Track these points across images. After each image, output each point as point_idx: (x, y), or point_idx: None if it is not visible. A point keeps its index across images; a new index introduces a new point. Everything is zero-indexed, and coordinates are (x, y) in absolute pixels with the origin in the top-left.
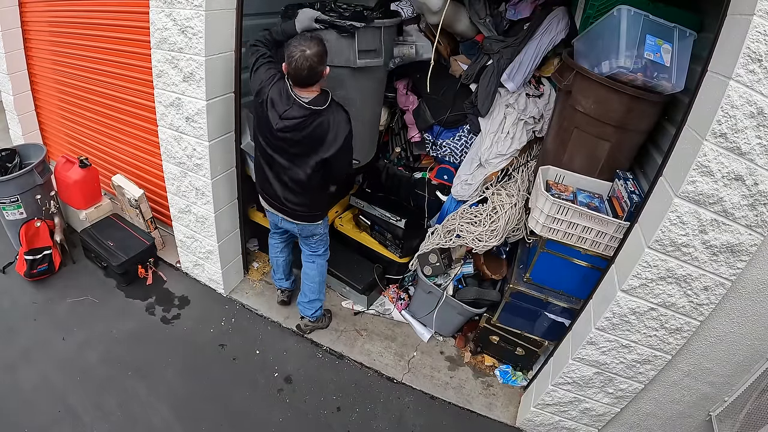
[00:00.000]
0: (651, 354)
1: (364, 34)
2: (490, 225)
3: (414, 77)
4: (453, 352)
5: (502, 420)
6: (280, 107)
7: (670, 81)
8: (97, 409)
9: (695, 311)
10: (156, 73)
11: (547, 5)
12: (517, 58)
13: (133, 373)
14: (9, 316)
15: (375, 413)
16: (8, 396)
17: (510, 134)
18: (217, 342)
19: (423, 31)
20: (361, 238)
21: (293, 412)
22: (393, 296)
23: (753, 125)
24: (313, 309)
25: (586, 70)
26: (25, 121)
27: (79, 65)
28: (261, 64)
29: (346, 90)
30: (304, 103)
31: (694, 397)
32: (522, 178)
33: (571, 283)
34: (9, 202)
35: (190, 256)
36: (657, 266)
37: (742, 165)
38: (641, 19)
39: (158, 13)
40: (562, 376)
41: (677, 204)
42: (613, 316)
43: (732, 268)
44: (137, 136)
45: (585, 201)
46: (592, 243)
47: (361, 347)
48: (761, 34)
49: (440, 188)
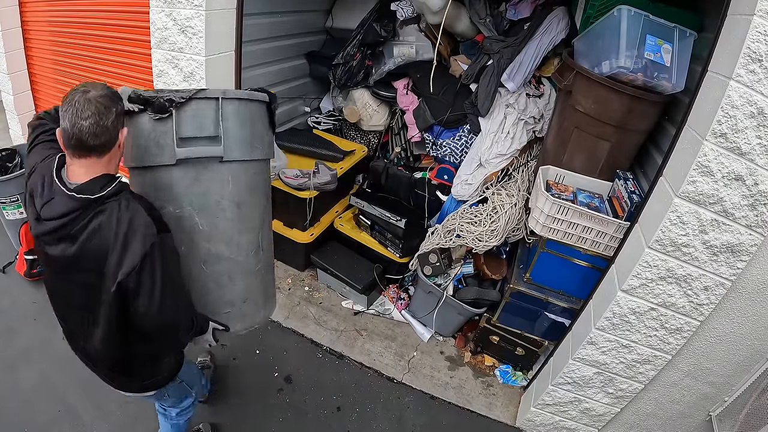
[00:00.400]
0: (651, 354)
1: (191, 111)
2: (490, 225)
3: (414, 77)
4: (453, 352)
5: (502, 420)
6: (38, 201)
7: (671, 81)
8: (97, 409)
9: (695, 311)
10: (156, 73)
11: (547, 5)
12: (518, 58)
13: None
14: (9, 316)
15: (375, 413)
16: (8, 396)
17: (510, 134)
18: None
19: (423, 31)
20: (361, 238)
21: (293, 412)
22: (393, 296)
23: (753, 125)
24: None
25: (586, 70)
26: (25, 121)
27: (79, 65)
28: (39, 142)
29: (180, 206)
30: (70, 190)
31: (694, 397)
32: (522, 178)
33: (571, 283)
34: (9, 202)
35: None
36: (657, 266)
37: (742, 165)
38: (641, 19)
39: (158, 12)
40: (562, 376)
41: (677, 204)
42: (613, 316)
43: (732, 268)
44: None
45: (585, 201)
46: (592, 243)
47: (361, 347)
48: (761, 34)
49: (440, 188)
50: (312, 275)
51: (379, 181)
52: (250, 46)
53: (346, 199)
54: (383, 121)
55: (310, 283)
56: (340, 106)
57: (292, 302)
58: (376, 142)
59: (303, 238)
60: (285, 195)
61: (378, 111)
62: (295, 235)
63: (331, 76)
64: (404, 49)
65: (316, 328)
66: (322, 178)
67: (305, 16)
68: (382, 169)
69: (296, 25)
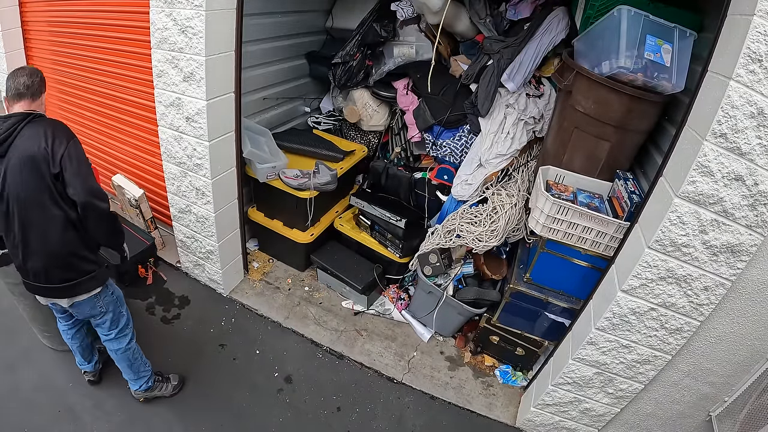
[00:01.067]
0: (651, 354)
1: None
2: (490, 225)
3: (414, 77)
4: (453, 352)
5: (502, 420)
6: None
7: (671, 81)
8: (97, 409)
9: (695, 311)
10: (156, 73)
11: (547, 5)
12: (518, 58)
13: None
14: (9, 316)
15: (375, 413)
16: (8, 396)
17: (510, 134)
18: (217, 342)
19: (423, 31)
20: (361, 238)
21: (293, 412)
22: (393, 296)
23: (753, 125)
24: (138, 385)
25: (586, 71)
26: None
27: (79, 65)
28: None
29: None
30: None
31: (694, 398)
32: (522, 178)
33: (571, 283)
34: None
35: (190, 256)
36: (657, 266)
37: (742, 165)
38: (641, 20)
39: (158, 13)
40: (562, 376)
41: (677, 204)
42: (613, 316)
43: (732, 269)
44: (137, 136)
45: (585, 201)
46: (593, 243)
47: (361, 347)
48: (761, 34)
49: (440, 188)
50: (312, 275)
51: (379, 181)
52: (250, 46)
53: (346, 199)
54: (383, 121)
55: (310, 283)
56: (340, 106)
57: (292, 302)
58: (376, 142)
59: (303, 238)
60: (285, 195)
61: (378, 111)
62: (295, 235)
63: (331, 76)
64: (404, 49)
65: (316, 328)
66: (322, 178)
67: (305, 16)
68: (382, 169)
69: (296, 25)
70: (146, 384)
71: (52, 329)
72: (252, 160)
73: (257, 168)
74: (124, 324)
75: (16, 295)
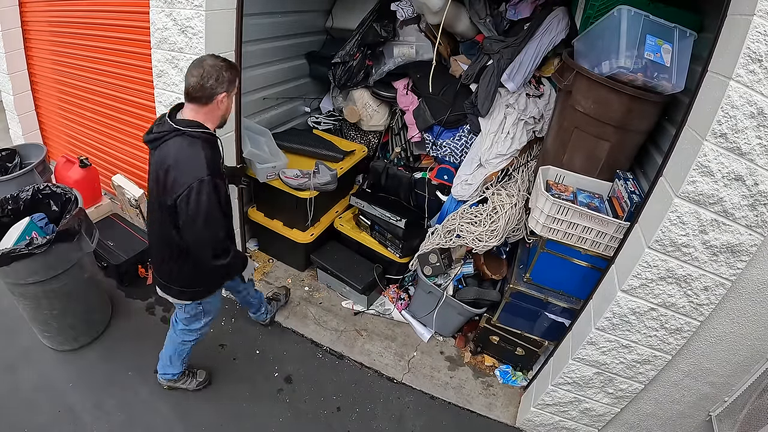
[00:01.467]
0: (651, 354)
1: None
2: (490, 225)
3: (414, 77)
4: (453, 352)
5: (502, 420)
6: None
7: (671, 81)
8: (97, 409)
9: (695, 311)
10: (156, 73)
11: (547, 5)
12: (518, 58)
13: (133, 372)
14: (9, 316)
15: (375, 413)
16: (8, 396)
17: (510, 134)
18: (217, 342)
19: (423, 31)
20: (361, 238)
21: (293, 412)
22: (393, 296)
23: (753, 125)
24: (168, 372)
25: (586, 71)
26: (25, 121)
27: (79, 65)
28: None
29: None
30: (171, 121)
31: (694, 398)
32: (522, 178)
33: (571, 283)
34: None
35: None
36: (657, 266)
37: (742, 165)
38: (641, 20)
39: (158, 13)
40: (562, 376)
41: (677, 204)
42: (613, 316)
43: (732, 269)
44: (137, 136)
45: (585, 201)
46: (592, 243)
47: (361, 347)
48: (761, 34)
49: (440, 188)
50: (312, 275)
51: (379, 181)
52: (250, 46)
53: (346, 199)
54: (383, 121)
55: (310, 283)
56: (340, 106)
57: (292, 302)
58: (376, 142)
59: (303, 238)
60: (285, 195)
61: (378, 111)
62: (295, 235)
63: (331, 76)
64: (404, 49)
65: (316, 328)
66: (322, 178)
67: (305, 16)
68: (382, 169)
69: (296, 25)
70: (169, 377)
71: (52, 329)
72: (252, 160)
73: (257, 168)
74: (194, 329)
75: (16, 295)
